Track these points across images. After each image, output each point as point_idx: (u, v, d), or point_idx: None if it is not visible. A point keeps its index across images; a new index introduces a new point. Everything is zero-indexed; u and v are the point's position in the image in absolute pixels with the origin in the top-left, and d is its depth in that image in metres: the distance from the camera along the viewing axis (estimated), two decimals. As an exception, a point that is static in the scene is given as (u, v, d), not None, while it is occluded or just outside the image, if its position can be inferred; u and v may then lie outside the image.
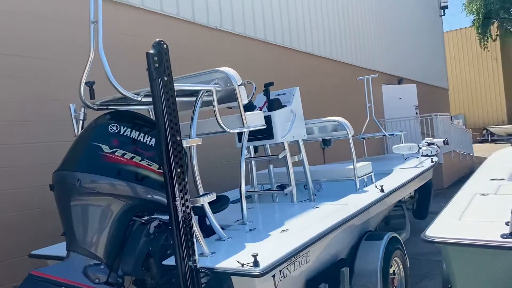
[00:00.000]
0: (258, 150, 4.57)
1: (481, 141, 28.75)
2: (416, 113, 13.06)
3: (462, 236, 2.04)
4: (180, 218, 2.13)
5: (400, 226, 5.51)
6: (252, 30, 7.53)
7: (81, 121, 2.97)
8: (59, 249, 3.21)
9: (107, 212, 2.57)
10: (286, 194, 4.14)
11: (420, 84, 15.51)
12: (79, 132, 2.96)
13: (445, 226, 2.25)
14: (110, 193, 2.54)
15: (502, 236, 1.97)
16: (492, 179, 3.28)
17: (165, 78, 2.11)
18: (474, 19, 30.51)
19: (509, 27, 30.53)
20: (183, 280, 2.17)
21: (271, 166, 4.50)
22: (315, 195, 4.33)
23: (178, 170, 2.14)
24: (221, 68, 3.12)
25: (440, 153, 9.22)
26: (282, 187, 4.63)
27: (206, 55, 6.42)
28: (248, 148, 4.23)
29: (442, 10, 20.39)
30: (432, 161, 6.05)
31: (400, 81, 14.18)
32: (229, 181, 5.47)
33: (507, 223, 2.05)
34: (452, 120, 17.92)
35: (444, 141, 6.61)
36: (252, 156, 4.32)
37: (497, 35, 30.50)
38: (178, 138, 2.19)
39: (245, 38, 7.38)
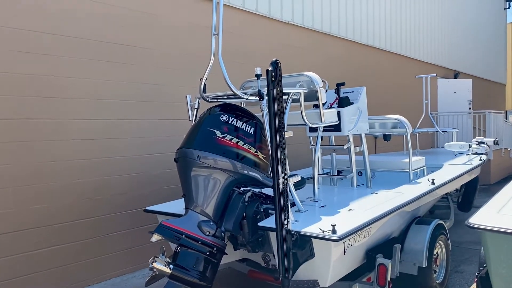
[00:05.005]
0: (323, 138, 5.23)
1: (536, 139, 27.88)
2: (470, 108, 13.12)
3: (498, 225, 2.65)
4: (281, 189, 2.85)
5: (444, 216, 6.03)
6: (319, 24, 8.09)
7: (195, 110, 3.75)
8: (167, 207, 4.09)
9: (216, 182, 3.35)
10: (342, 179, 4.84)
11: (476, 78, 15.43)
12: (194, 118, 3.76)
13: (485, 216, 2.86)
14: (220, 167, 3.31)
15: (529, 227, 2.57)
16: (532, 182, 3.81)
17: (278, 88, 2.81)
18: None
19: None
20: (279, 237, 2.90)
21: (333, 154, 5.17)
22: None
23: (282, 156, 2.86)
24: (306, 73, 3.84)
25: (490, 150, 9.47)
26: (339, 172, 5.31)
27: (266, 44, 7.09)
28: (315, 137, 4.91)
29: (508, 3, 19.81)
30: (480, 160, 6.47)
31: (456, 75, 14.21)
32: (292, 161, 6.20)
33: (535, 219, 2.65)
34: (507, 116, 17.63)
35: (494, 141, 6.94)
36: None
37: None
38: (283, 133, 2.91)
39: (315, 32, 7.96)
